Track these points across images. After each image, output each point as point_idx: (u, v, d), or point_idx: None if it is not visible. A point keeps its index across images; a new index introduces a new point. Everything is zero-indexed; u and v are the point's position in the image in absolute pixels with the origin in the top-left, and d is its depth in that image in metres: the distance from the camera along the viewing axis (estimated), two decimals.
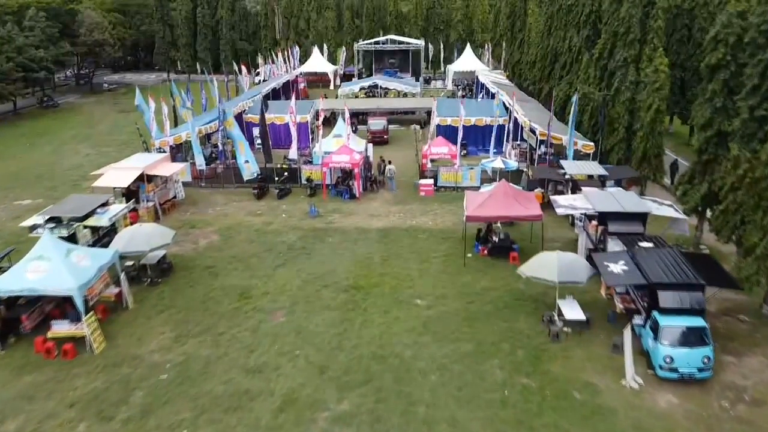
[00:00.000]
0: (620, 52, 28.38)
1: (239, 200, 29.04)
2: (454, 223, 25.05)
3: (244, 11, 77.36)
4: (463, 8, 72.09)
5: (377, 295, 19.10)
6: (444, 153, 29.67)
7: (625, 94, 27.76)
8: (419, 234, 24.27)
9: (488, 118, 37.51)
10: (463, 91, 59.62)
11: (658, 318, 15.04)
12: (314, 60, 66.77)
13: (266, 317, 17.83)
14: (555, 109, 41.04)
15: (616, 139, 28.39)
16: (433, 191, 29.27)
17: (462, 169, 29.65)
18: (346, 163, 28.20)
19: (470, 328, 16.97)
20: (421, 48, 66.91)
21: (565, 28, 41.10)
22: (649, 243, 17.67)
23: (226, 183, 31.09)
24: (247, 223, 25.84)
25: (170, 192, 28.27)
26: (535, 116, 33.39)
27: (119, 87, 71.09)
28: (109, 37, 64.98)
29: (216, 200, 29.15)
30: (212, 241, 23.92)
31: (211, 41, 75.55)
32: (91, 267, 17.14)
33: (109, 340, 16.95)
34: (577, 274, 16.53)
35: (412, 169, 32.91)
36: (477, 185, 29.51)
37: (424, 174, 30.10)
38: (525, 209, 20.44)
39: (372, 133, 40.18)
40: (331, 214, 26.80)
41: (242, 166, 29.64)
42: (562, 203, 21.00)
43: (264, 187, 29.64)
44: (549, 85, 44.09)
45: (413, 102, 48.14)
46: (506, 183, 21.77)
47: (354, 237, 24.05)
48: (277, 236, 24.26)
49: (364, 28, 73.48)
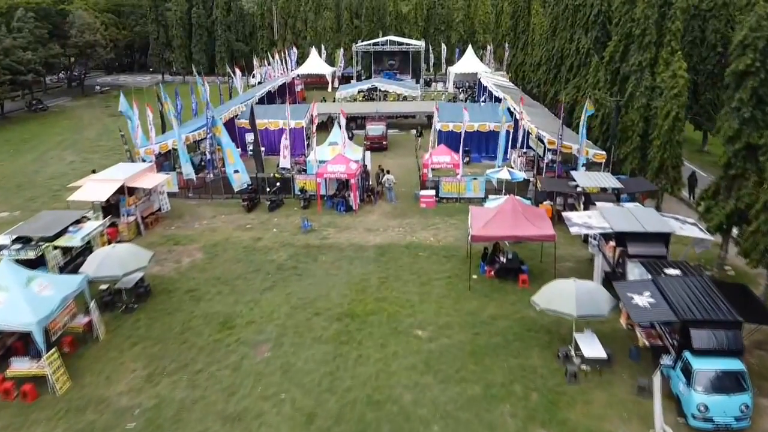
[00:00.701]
0: (634, 56, 26.59)
1: (228, 213, 27.28)
2: (458, 239, 23.29)
3: (241, 12, 75.59)
4: (465, 8, 70.29)
5: (374, 324, 17.34)
6: (446, 162, 27.89)
7: (640, 100, 25.97)
8: (420, 252, 22.50)
9: (492, 124, 35.81)
10: (464, 94, 57.88)
11: (690, 360, 13.27)
12: (312, 61, 65.05)
13: (250, 352, 16.06)
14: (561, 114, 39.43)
15: (630, 148, 26.61)
16: (435, 203, 27.51)
17: (465, 179, 27.88)
18: (341, 173, 26.44)
19: (477, 366, 15.21)
20: (422, 49, 65.17)
21: (572, 29, 39.36)
22: (676, 269, 15.89)
23: (215, 194, 29.32)
24: (235, 239, 24.07)
25: (154, 204, 26.51)
26: (542, 123, 31.63)
27: (112, 89, 69.20)
28: (101, 38, 63.16)
29: (203, 213, 27.39)
30: (196, 260, 22.15)
31: (206, 42, 73.79)
32: (54, 297, 15.38)
33: (75, 378, 15.19)
34: (598, 306, 14.75)
35: (412, 177, 31.18)
36: (481, 196, 27.80)
37: (424, 184, 28.34)
38: (536, 228, 18.66)
39: (370, 139, 38.46)
40: (326, 228, 25.03)
41: (231, 176, 27.90)
42: (575, 221, 19.23)
43: (254, 198, 27.88)
44: (555, 89, 42.36)
45: (413, 105, 46.41)
46: (514, 198, 19.98)
47: (349, 255, 22.28)
48: (267, 254, 22.49)
49: (363, 28, 71.71)
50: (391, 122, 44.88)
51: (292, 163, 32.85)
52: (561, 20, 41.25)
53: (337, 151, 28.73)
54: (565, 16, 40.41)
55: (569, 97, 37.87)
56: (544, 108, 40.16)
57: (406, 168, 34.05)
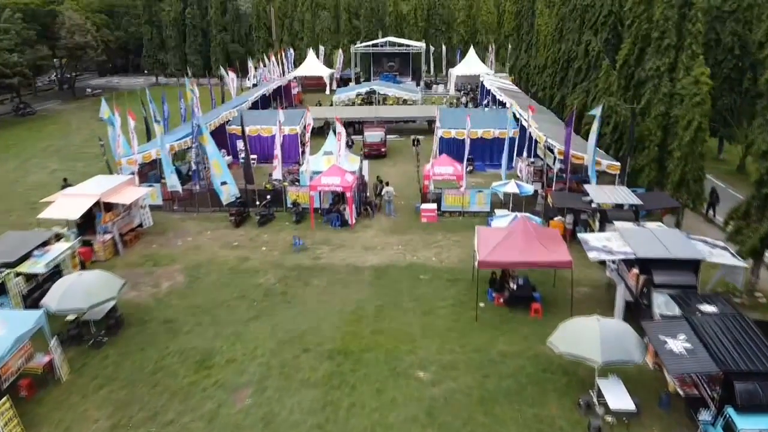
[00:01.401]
0: (651, 60, 24.72)
1: (215, 228, 25.42)
2: (462, 260, 21.44)
3: (237, 12, 73.72)
4: (466, 8, 68.41)
5: (369, 363, 15.48)
6: (448, 174, 26.02)
7: (658, 107, 24.11)
8: (421, 274, 20.64)
9: (497, 131, 34.00)
10: (466, 97, 56.04)
11: (734, 418, 11.42)
12: (309, 63, 63.25)
13: (228, 398, 14.19)
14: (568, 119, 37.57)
15: (647, 159, 24.75)
16: (437, 217, 25.66)
17: (469, 192, 26.01)
18: (336, 186, 24.58)
19: (487, 417, 13.35)
20: (422, 50, 63.34)
21: (580, 30, 37.51)
22: (711, 306, 14.03)
23: (201, 207, 27.47)
24: (220, 258, 22.21)
25: (135, 220, 24.66)
26: (550, 130, 29.78)
27: (104, 92, 67.33)
28: (92, 39, 61.28)
29: (188, 228, 25.53)
30: (176, 284, 20.29)
31: (201, 44, 71.97)
32: (6, 338, 13.53)
33: (30, 429, 13.35)
34: (627, 351, 12.88)
35: (412, 187, 29.29)
36: (487, 210, 25.96)
37: (425, 197, 26.47)
38: (550, 253, 16.81)
39: (368, 146, 36.61)
40: (319, 246, 23.17)
41: (219, 188, 26.07)
42: (593, 244, 17.37)
43: (243, 213, 26.03)
44: (561, 93, 40.52)
45: (414, 110, 44.54)
46: (525, 220, 18.08)
47: (344, 278, 20.42)
48: (254, 276, 20.62)
49: (362, 29, 69.87)
50: (391, 127, 43.11)
51: (285, 173, 31.07)
52: (568, 21, 39.40)
53: (332, 162, 26.91)
54: (572, 17, 38.54)
55: (578, 102, 36.09)
56: (551, 113, 38.29)
57: (406, 176, 32.22)
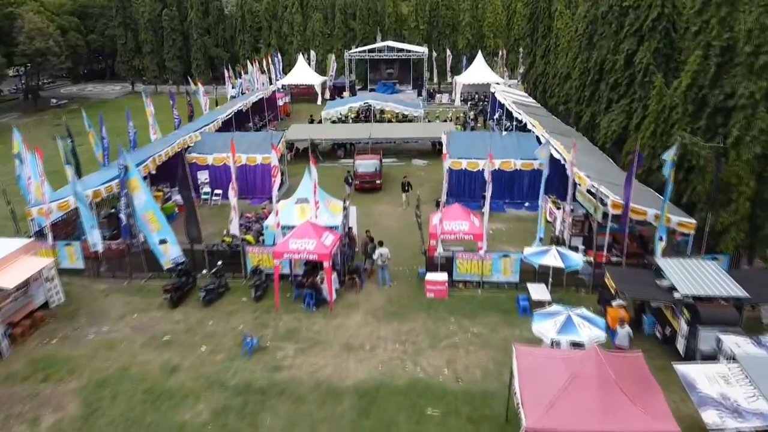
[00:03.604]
0: (742, 83, 18.05)
1: (145, 308, 18.77)
2: (487, 373, 14.81)
3: (220, 14, 67.06)
4: (472, 9, 61.72)
5: None
6: (463, 231, 19.30)
7: (752, 148, 17.48)
8: (428, 404, 13.90)
9: (518, 161, 27.41)
10: (474, 109, 49.39)
11: None
12: (299, 70, 56.77)
13: None
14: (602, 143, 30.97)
15: (734, 217, 18.08)
16: (447, 291, 19.02)
17: (491, 256, 19.34)
18: (310, 253, 17.92)
19: None
20: (424, 56, 56.76)
21: (617, 36, 30.91)
22: None
23: (136, 270, 20.87)
24: (137, 368, 15.47)
25: (36, 299, 18.07)
26: (589, 165, 23.13)
27: (70, 103, 60.80)
28: (54, 45, 54.64)
29: (110, 308, 18.87)
30: (63, 421, 13.60)
31: (181, 48, 65.40)
32: None
33: None
34: None
35: (414, 235, 22.54)
36: (514, 281, 19.34)
37: (432, 261, 19.80)
38: (645, 418, 10.09)
39: (360, 177, 29.99)
40: (282, 345, 16.46)
41: (156, 248, 19.54)
42: (705, 392, 10.74)
43: (185, 286, 19.35)
44: (591, 110, 33.89)
45: (415, 129, 37.84)
46: (599, 351, 11.25)
47: (311, 411, 13.71)
48: (177, 409, 13.86)
49: (357, 32, 63.26)
50: (388, 146, 36.60)
51: (253, 216, 24.54)
52: (602, 25, 32.74)
53: (307, 213, 20.28)
54: (607, 19, 31.88)
55: (615, 125, 29.49)
56: (583, 138, 31.60)
57: (405, 218, 25.67)
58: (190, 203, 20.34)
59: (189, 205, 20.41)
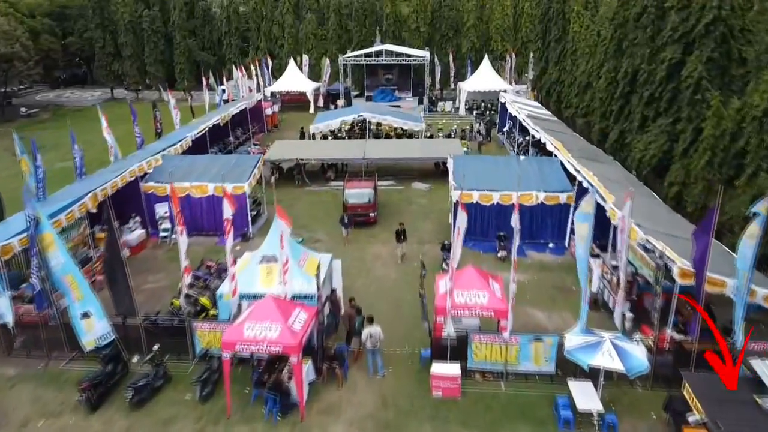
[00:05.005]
0: None
1: (57, 410, 14.02)
2: None
3: (206, 14, 62.25)
4: (477, 10, 56.87)
5: None
6: (481, 305, 14.50)
7: None
8: None
9: (541, 194, 22.64)
10: (480, 120, 44.61)
11: None
12: (290, 76, 52.09)
13: None
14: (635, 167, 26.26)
15: None
16: (459, 388, 14.25)
17: (518, 339, 14.56)
18: (273, 343, 13.15)
19: None
20: (426, 61, 52.04)
21: (652, 42, 26.25)
22: None
23: (55, 350, 16.15)
24: None
25: None
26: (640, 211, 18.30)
27: (42, 111, 56.10)
28: (21, 49, 49.90)
29: (11, 407, 14.11)
30: None
31: (163, 51, 60.67)
32: None
33: None
34: None
35: (413, 293, 17.78)
36: (550, 371, 14.59)
37: (438, 343, 15.03)
38: None
39: (350, 209, 25.23)
40: None
41: (78, 323, 14.84)
42: None
43: (109, 379, 14.57)
44: (620, 128, 29.18)
45: (416, 148, 32.92)
46: None
47: None
48: None
49: (353, 35, 58.50)
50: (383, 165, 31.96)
51: (213, 272, 19.87)
52: (633, 29, 28.04)
53: (274, 275, 15.52)
54: (641, 23, 27.20)
55: (655, 148, 24.82)
56: (614, 163, 26.80)
57: (405, 269, 20.99)
58: (117, 262, 15.52)
59: (114, 265, 15.61)
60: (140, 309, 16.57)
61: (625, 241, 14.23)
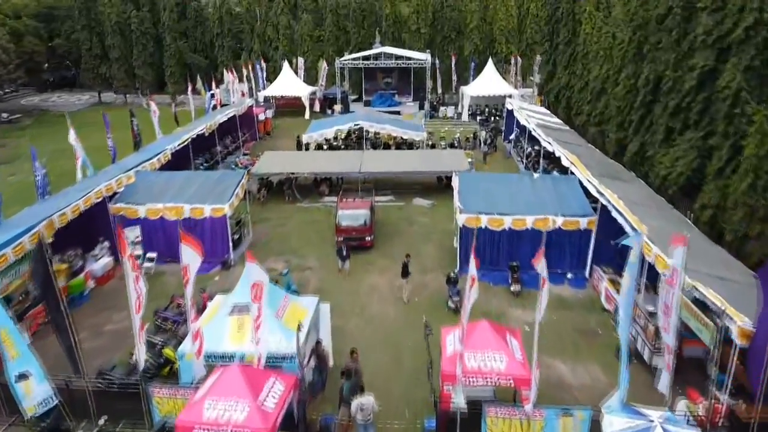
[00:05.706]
0: None
1: None
2: None
3: (198, 15, 59.65)
4: (480, 10, 54.25)
5: None
6: (498, 371, 11.91)
7: None
8: None
9: (559, 218, 20.07)
10: (484, 127, 42.04)
11: None
12: (284, 79, 49.57)
13: None
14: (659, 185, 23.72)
15: None
16: None
17: (542, 414, 11.97)
18: (238, 427, 10.54)
19: None
20: (426, 64, 49.51)
21: (678, 47, 23.70)
22: None
23: None
24: None
25: None
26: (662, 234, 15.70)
27: (24, 117, 53.54)
28: (1, 52, 47.37)
29: None
30: None
31: (152, 53, 58.13)
32: None
33: None
34: None
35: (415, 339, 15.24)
36: None
37: (445, 416, 12.43)
38: None
39: (343, 232, 22.65)
40: None
41: (15, 386, 12.31)
42: None
43: None
44: (640, 140, 26.64)
45: (416, 160, 30.25)
46: None
47: None
48: None
49: (351, 36, 55.95)
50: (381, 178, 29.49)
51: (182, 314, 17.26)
52: (656, 32, 25.48)
53: (246, 328, 12.92)
54: (665, 26, 24.64)
55: (684, 165, 22.27)
56: (637, 180, 24.25)
57: (403, 308, 18.48)
58: (64, 322, 12.94)
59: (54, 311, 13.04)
60: (97, 359, 14.13)
61: (677, 297, 11.63)
